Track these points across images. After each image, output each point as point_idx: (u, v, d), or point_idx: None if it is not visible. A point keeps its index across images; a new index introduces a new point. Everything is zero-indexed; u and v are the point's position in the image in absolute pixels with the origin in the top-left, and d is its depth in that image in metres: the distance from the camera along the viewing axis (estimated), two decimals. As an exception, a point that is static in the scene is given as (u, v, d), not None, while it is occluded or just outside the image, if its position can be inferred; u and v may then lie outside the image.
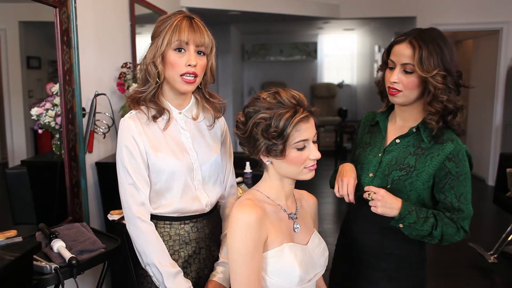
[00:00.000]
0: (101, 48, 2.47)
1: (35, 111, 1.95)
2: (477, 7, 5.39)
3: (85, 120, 2.21)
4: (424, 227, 1.30)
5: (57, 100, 1.99)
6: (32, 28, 2.09)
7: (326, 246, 1.30)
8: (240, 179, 2.15)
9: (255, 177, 2.19)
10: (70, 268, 1.41)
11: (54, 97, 2.00)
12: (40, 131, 1.99)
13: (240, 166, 2.14)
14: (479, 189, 5.46)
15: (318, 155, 1.17)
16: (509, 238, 3.43)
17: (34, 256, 1.38)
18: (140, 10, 3.11)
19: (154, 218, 1.35)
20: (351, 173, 1.41)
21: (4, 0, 1.93)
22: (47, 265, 1.39)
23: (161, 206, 1.35)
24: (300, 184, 1.31)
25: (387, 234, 1.41)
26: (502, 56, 5.41)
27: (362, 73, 8.44)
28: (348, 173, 1.40)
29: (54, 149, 2.07)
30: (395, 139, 1.43)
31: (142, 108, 1.32)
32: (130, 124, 1.30)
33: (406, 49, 1.32)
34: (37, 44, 2.12)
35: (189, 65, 1.27)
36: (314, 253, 1.24)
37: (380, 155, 1.43)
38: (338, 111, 8.26)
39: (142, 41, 3.02)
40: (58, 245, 1.48)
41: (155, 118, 1.32)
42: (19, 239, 1.48)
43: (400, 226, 1.32)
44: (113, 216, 1.75)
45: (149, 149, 1.30)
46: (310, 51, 8.81)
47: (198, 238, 1.39)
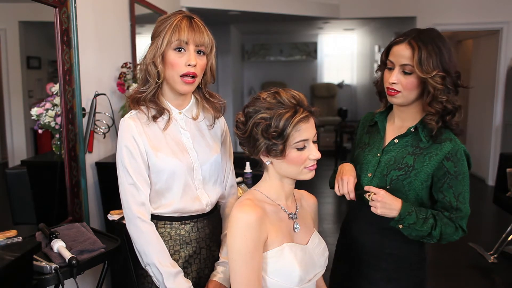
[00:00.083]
0: (101, 48, 2.47)
1: (35, 111, 1.95)
2: (477, 7, 5.39)
3: (85, 120, 2.21)
4: (424, 228, 1.30)
5: (57, 100, 1.99)
6: (32, 28, 2.08)
7: (326, 246, 1.30)
8: (240, 179, 2.15)
9: (255, 177, 2.19)
10: (70, 268, 1.41)
11: (54, 97, 2.00)
12: (40, 131, 1.99)
13: (240, 166, 2.14)
14: (479, 189, 5.46)
15: (318, 155, 1.17)
16: (509, 238, 3.43)
17: (34, 256, 1.38)
18: (140, 10, 3.11)
19: (155, 218, 1.35)
20: (351, 172, 1.41)
21: (4, 0, 1.93)
22: (47, 265, 1.39)
23: (162, 206, 1.35)
24: (300, 184, 1.31)
25: (387, 234, 1.41)
26: (502, 56, 5.41)
27: (362, 73, 8.43)
28: (348, 172, 1.41)
29: (54, 149, 2.07)
30: (394, 139, 1.43)
31: (142, 108, 1.32)
32: (130, 124, 1.30)
33: (405, 50, 1.32)
34: (37, 44, 2.12)
35: (189, 65, 1.27)
36: (314, 253, 1.24)
37: (379, 155, 1.43)
38: (338, 111, 8.28)
39: (142, 41, 3.02)
40: (58, 245, 1.49)
41: (155, 118, 1.32)
42: (19, 239, 1.48)
43: (400, 227, 1.32)
44: (113, 216, 1.75)
45: (149, 149, 1.30)
46: (310, 51, 8.81)
47: (199, 238, 1.39)
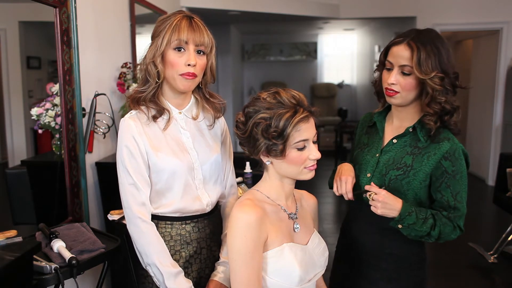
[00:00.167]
0: (101, 48, 2.47)
1: (35, 111, 1.95)
2: (477, 7, 5.39)
3: (85, 120, 2.21)
4: (423, 228, 1.30)
5: (57, 100, 1.99)
6: (32, 28, 2.08)
7: (326, 246, 1.30)
8: (240, 179, 2.15)
9: (255, 177, 2.19)
10: (70, 268, 1.41)
11: (54, 97, 2.00)
12: (40, 131, 1.99)
13: (240, 166, 2.14)
14: (479, 189, 5.46)
15: (318, 155, 1.17)
16: (509, 238, 3.42)
17: (34, 256, 1.38)
18: (140, 10, 3.11)
19: (156, 219, 1.35)
20: (350, 172, 1.41)
21: (4, 0, 1.93)
22: (47, 265, 1.39)
23: (162, 206, 1.34)
24: (300, 184, 1.31)
25: (387, 234, 1.41)
26: (502, 56, 5.42)
27: (362, 73, 8.43)
28: (347, 172, 1.41)
29: (54, 149, 2.07)
30: (392, 139, 1.43)
31: (142, 108, 1.32)
32: (130, 124, 1.30)
33: (404, 51, 1.32)
34: (37, 44, 2.12)
35: (189, 65, 1.27)
36: (314, 253, 1.24)
37: (378, 155, 1.43)
38: (338, 111, 8.28)
39: (142, 41, 3.02)
40: (58, 245, 1.49)
41: (155, 118, 1.32)
42: (19, 239, 1.48)
43: (399, 227, 1.32)
44: (113, 216, 1.75)
45: (150, 149, 1.30)
46: (310, 51, 8.81)
47: (199, 238, 1.39)
